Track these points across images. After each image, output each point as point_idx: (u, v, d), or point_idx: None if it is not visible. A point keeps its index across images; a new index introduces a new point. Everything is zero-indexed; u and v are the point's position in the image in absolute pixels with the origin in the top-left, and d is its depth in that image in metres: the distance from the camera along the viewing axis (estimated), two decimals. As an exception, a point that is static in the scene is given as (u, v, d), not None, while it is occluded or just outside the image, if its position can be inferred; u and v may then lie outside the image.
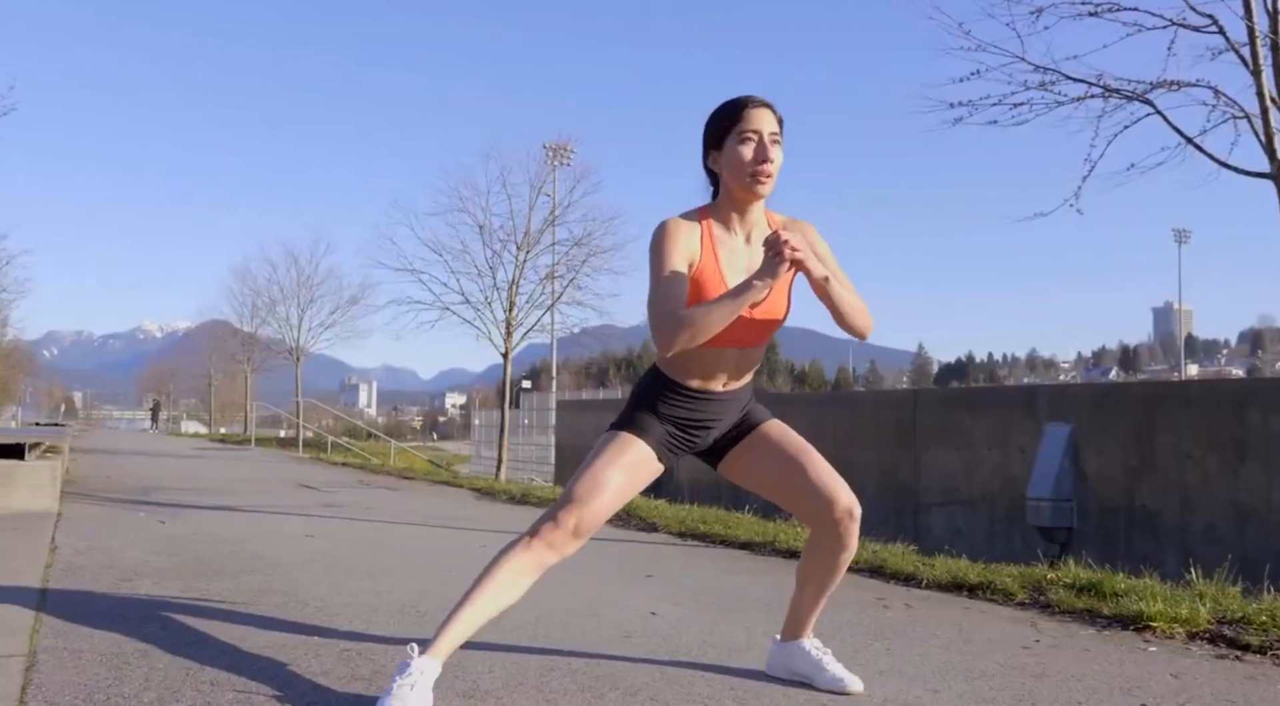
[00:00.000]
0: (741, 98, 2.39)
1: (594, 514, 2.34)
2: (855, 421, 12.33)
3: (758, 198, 2.40)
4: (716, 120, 2.40)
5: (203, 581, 3.88)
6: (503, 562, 2.33)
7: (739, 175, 2.35)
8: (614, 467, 2.38)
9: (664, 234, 2.35)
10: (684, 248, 2.34)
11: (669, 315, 2.25)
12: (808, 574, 2.61)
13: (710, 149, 2.42)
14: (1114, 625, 3.49)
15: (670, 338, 2.25)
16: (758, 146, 2.33)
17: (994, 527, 10.77)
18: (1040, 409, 10.34)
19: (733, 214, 2.43)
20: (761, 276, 2.21)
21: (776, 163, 2.35)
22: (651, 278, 2.33)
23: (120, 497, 7.52)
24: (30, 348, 73.29)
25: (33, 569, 4.03)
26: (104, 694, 2.29)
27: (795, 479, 2.48)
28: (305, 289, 30.05)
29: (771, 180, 2.36)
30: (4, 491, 6.13)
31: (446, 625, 2.27)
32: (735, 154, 2.34)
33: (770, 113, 2.38)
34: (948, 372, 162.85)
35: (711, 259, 2.38)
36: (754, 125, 2.34)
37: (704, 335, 2.25)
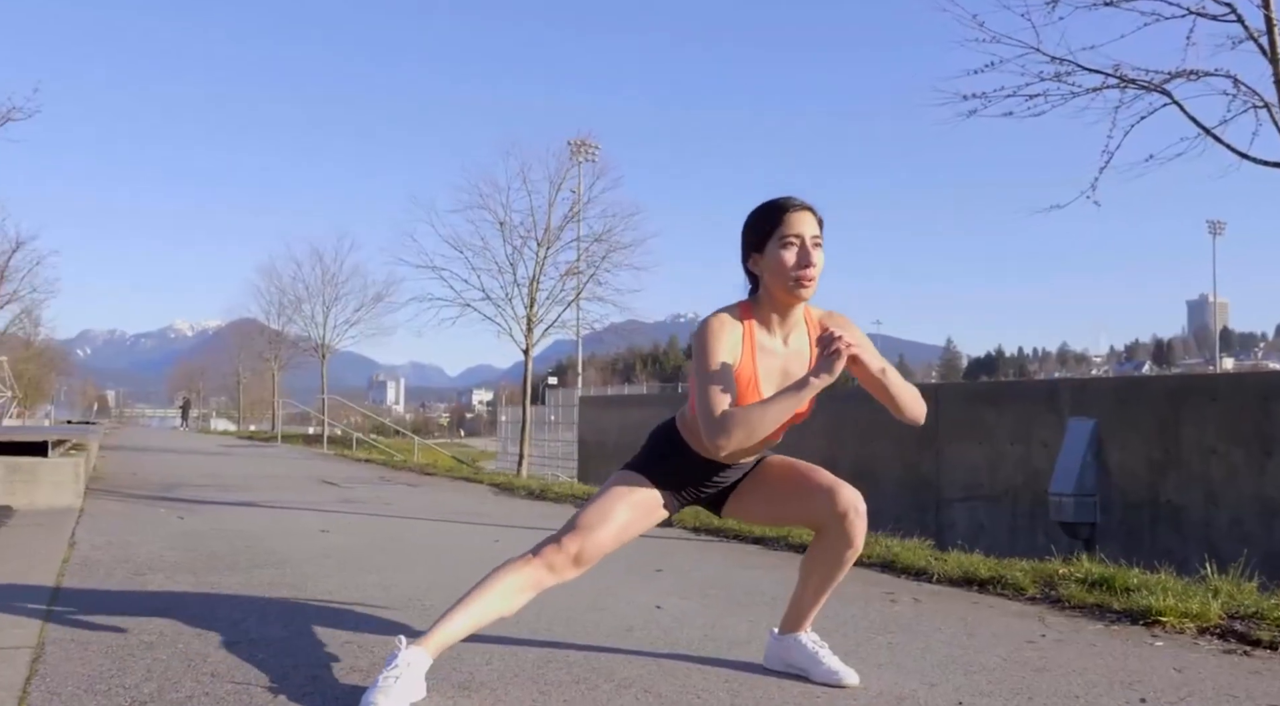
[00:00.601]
0: (782, 200, 2.39)
1: (596, 544, 2.38)
2: (877, 417, 12.24)
3: (800, 301, 2.41)
4: (757, 223, 2.40)
5: (214, 575, 3.93)
6: (502, 574, 2.37)
7: (782, 280, 2.35)
8: (622, 504, 2.44)
9: (710, 331, 2.36)
10: (728, 348, 2.36)
11: (724, 415, 2.26)
12: (812, 568, 2.61)
13: (751, 251, 2.42)
14: (1123, 620, 3.47)
15: (726, 438, 2.26)
16: (800, 251, 2.33)
17: (1016, 523, 10.69)
18: (1063, 403, 10.25)
19: (773, 315, 2.44)
20: (819, 373, 2.25)
21: (818, 266, 2.36)
22: (699, 374, 2.34)
23: (143, 494, 7.62)
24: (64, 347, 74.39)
25: (50, 563, 4.09)
26: (105, 684, 2.33)
27: (797, 494, 2.51)
28: (330, 287, 30.35)
29: (814, 284, 2.36)
30: (28, 488, 6.23)
31: (440, 622, 2.31)
32: (778, 258, 2.34)
33: (811, 215, 2.38)
34: (977, 367, 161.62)
35: (749, 362, 2.39)
36: (796, 229, 2.34)
37: (759, 435, 2.28)
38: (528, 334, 16.45)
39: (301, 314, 30.54)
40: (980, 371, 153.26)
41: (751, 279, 2.47)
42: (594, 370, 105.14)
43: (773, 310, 2.43)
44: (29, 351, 40.90)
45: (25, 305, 30.35)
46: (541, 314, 16.58)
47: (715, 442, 2.27)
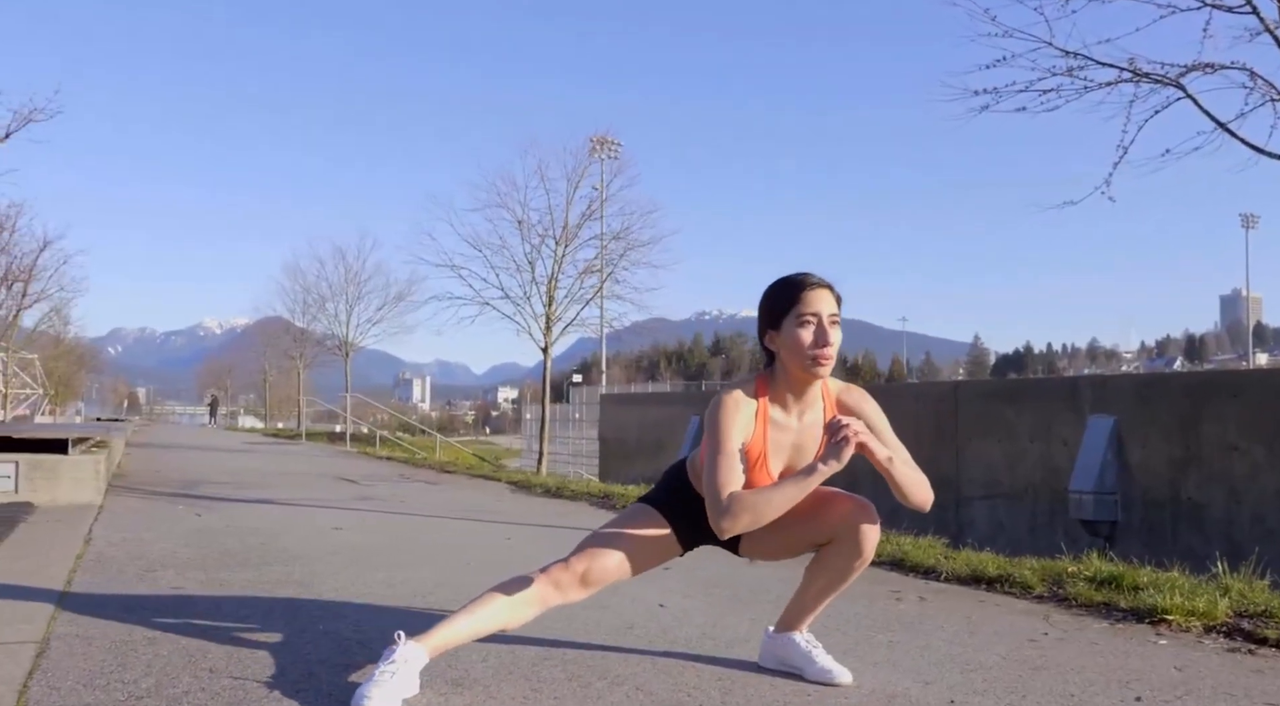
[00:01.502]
0: (799, 278, 2.39)
1: (603, 568, 2.41)
2: (895, 414, 12.14)
3: (817, 378, 2.40)
4: (774, 300, 2.40)
5: (225, 572, 3.98)
6: (509, 587, 2.40)
7: (799, 358, 2.35)
8: (635, 534, 2.48)
9: (724, 410, 2.37)
10: (741, 427, 2.37)
11: (731, 498, 2.27)
12: (818, 573, 2.59)
13: (768, 328, 2.42)
14: (1129, 618, 3.45)
15: (731, 521, 2.27)
16: (818, 329, 2.33)
17: (1036, 521, 10.61)
18: (1083, 400, 10.16)
19: (789, 393, 2.43)
20: (827, 460, 2.24)
21: (835, 344, 2.35)
22: (709, 450, 2.35)
23: (164, 491, 7.71)
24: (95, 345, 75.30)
25: (64, 559, 4.15)
26: (105, 679, 2.36)
27: (811, 518, 2.47)
28: (353, 285, 30.54)
29: (831, 362, 2.36)
30: (49, 485, 6.33)
31: (444, 623, 2.35)
32: (795, 337, 2.34)
33: (829, 293, 2.38)
34: (1005, 364, 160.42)
35: (760, 440, 2.40)
36: (813, 308, 2.34)
37: (764, 520, 2.28)
38: (546, 332, 16.49)
39: (325, 312, 30.82)
40: (1008, 368, 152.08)
41: (768, 354, 2.46)
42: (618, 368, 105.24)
43: (788, 388, 2.42)
44: (58, 349, 41.45)
45: (54, 304, 30.77)
46: (560, 312, 16.64)
47: (720, 525, 2.28)
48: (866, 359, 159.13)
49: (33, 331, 33.59)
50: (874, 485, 2.51)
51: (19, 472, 6.27)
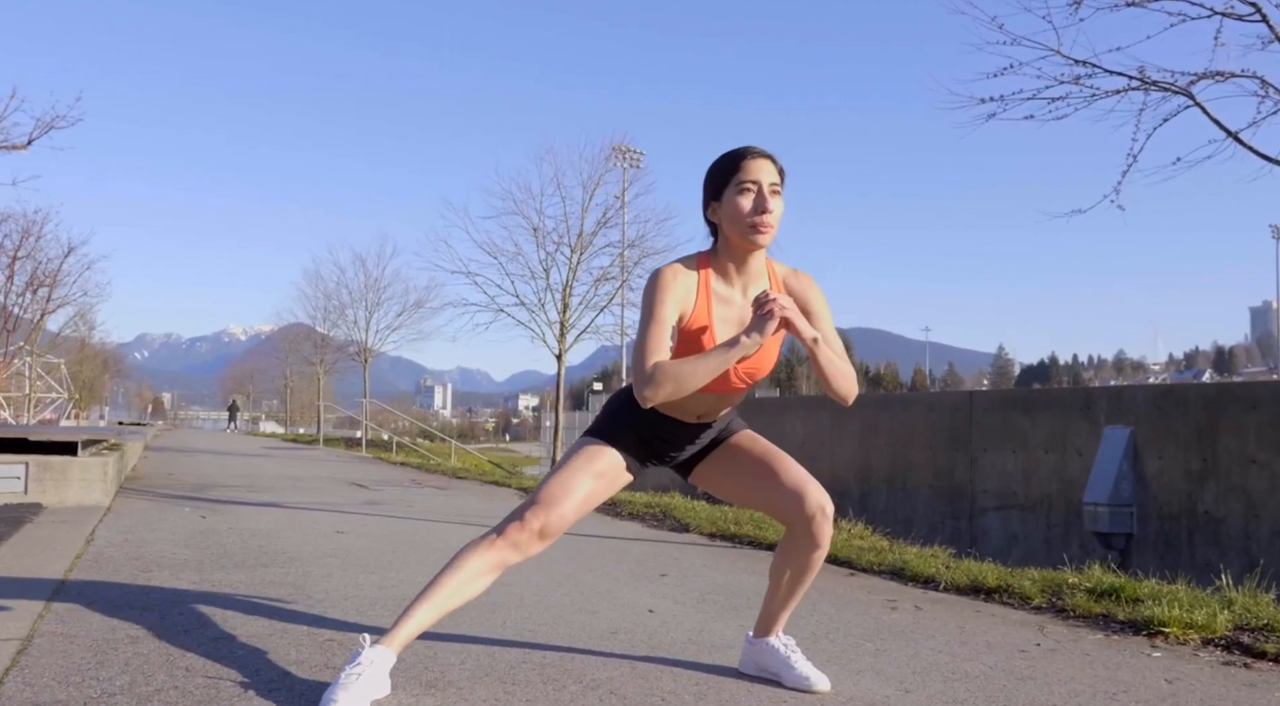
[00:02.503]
0: (741, 148, 2.39)
1: (560, 517, 2.37)
2: (910, 424, 12.15)
3: (757, 248, 2.38)
4: (716, 171, 2.39)
5: (219, 573, 3.99)
6: (466, 560, 2.36)
7: (738, 226, 2.34)
8: (584, 475, 2.42)
9: (658, 283, 2.36)
10: (676, 297, 2.35)
11: (654, 367, 2.26)
12: (781, 570, 2.58)
13: (710, 200, 2.42)
14: (1126, 630, 3.40)
15: (654, 390, 2.26)
16: (757, 197, 2.32)
17: (1051, 533, 10.51)
18: (1099, 411, 10.06)
19: (730, 264, 2.42)
20: (750, 333, 2.24)
21: (776, 213, 2.34)
22: (640, 324, 2.35)
23: (174, 493, 7.76)
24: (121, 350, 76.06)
25: (63, 559, 4.18)
26: (81, 676, 2.37)
27: (766, 482, 2.49)
28: (373, 292, 30.68)
29: (771, 230, 2.35)
30: (58, 486, 6.38)
31: (404, 618, 2.31)
32: (734, 205, 2.33)
33: (770, 163, 2.37)
34: (1030, 375, 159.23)
35: (704, 310, 2.38)
36: (753, 176, 2.33)
37: (687, 390, 2.27)
38: (560, 339, 16.51)
39: (345, 319, 30.99)
40: (1032, 379, 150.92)
41: (712, 229, 2.46)
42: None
43: (730, 259, 2.42)
44: (83, 353, 41.87)
45: (79, 308, 31.11)
46: (574, 319, 16.65)
47: (642, 394, 2.27)
48: (889, 369, 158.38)
49: (56, 336, 33.96)
50: (888, 496, 2.49)
51: (28, 474, 6.32)
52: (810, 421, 13.82)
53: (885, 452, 12.46)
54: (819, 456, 13.31)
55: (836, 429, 13.24)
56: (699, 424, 2.54)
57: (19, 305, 19.65)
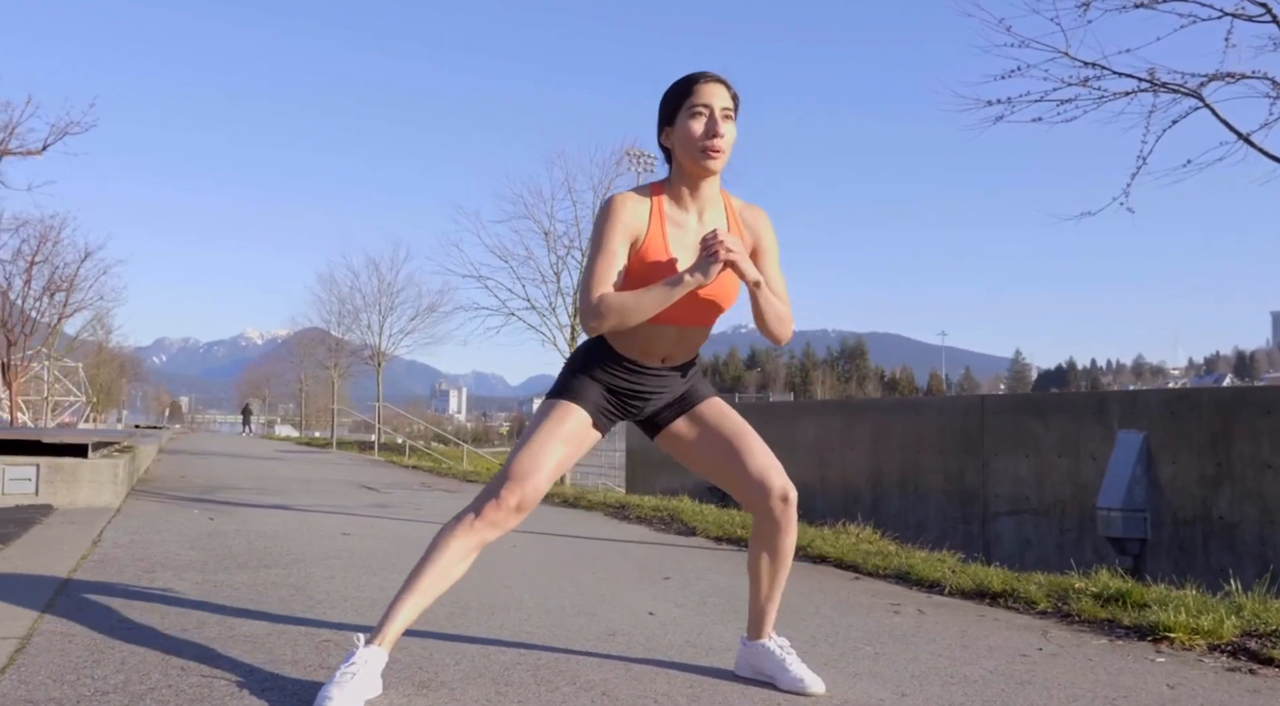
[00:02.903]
0: (694, 73, 2.39)
1: (536, 489, 2.35)
2: (922, 428, 12.10)
3: (709, 173, 2.38)
4: (669, 95, 2.40)
5: (222, 574, 4.00)
6: (446, 546, 2.34)
7: (690, 150, 2.34)
8: (553, 441, 2.38)
9: (608, 211, 2.36)
10: (626, 225, 2.35)
11: (600, 299, 2.28)
12: (757, 564, 2.58)
13: (664, 125, 2.42)
14: (1131, 635, 3.36)
15: (598, 321, 2.29)
16: (709, 121, 2.33)
17: (1064, 537, 10.44)
18: (1112, 416, 9.99)
19: (684, 189, 2.42)
20: (693, 272, 2.25)
21: (728, 138, 2.35)
22: (588, 254, 2.37)
23: (184, 495, 7.79)
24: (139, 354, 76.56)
25: (68, 559, 4.20)
26: (76, 675, 2.38)
27: (732, 464, 2.48)
28: (386, 296, 30.78)
29: (723, 155, 2.35)
30: (68, 488, 6.41)
31: (391, 614, 2.30)
32: (686, 128, 2.34)
33: (723, 88, 2.37)
34: (1047, 380, 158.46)
35: (659, 235, 2.37)
36: (705, 99, 2.34)
37: (629, 322, 2.28)
38: (571, 343, 16.51)
39: (359, 323, 31.11)
40: (1050, 384, 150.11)
41: (666, 155, 2.46)
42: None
43: (684, 185, 2.42)
44: (100, 357, 42.18)
45: (96, 312, 31.35)
46: (586, 323, 16.62)
47: (587, 324, 2.30)
48: (905, 373, 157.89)
49: (74, 339, 34.23)
50: (900, 500, 2.47)
51: (39, 475, 6.37)
52: (822, 426, 13.78)
53: (897, 457, 12.40)
54: (830, 461, 13.27)
55: (848, 433, 13.20)
56: (664, 370, 2.50)
57: (37, 309, 19.82)
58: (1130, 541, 9.71)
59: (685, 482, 15.76)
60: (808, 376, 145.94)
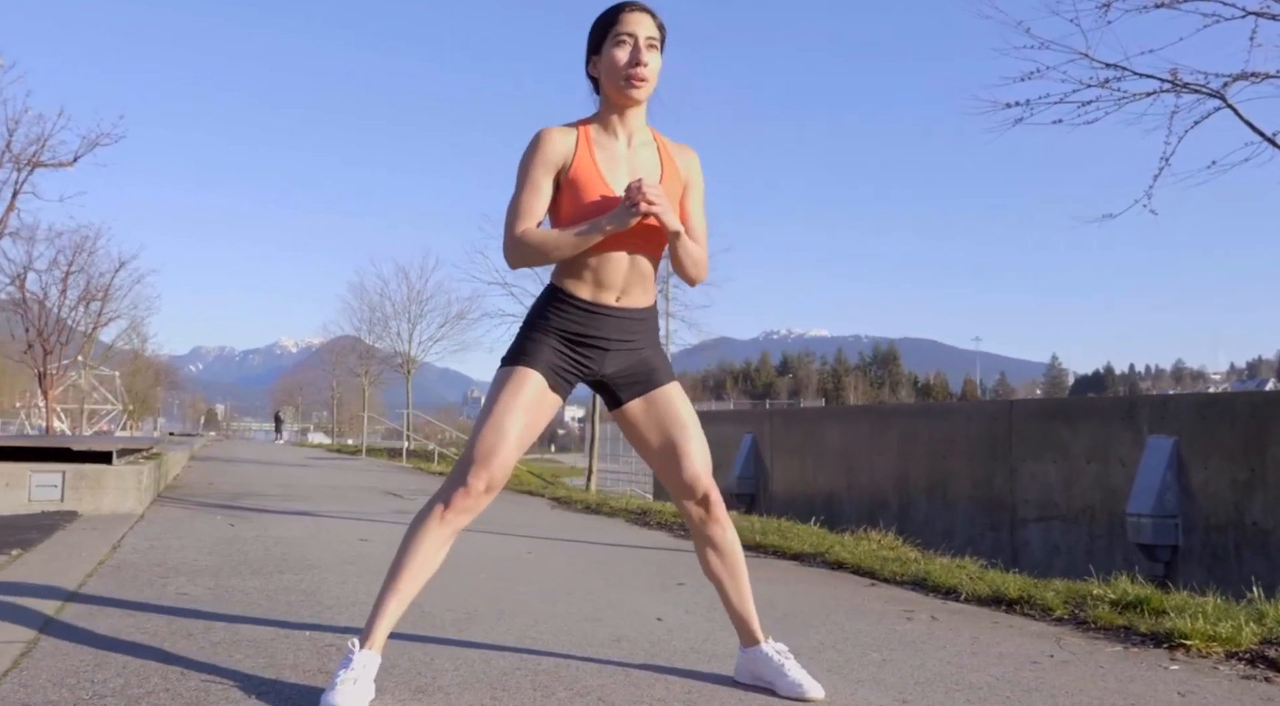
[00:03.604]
0: (619, 2, 2.40)
1: (503, 466, 2.32)
2: (949, 434, 11.97)
3: (633, 102, 2.40)
4: (596, 25, 2.42)
5: (235, 578, 4.03)
6: (421, 539, 2.31)
7: (614, 78, 2.37)
8: (512, 413, 2.33)
9: (532, 145, 2.39)
10: (550, 158, 2.37)
11: (521, 235, 2.34)
12: (708, 565, 2.60)
13: (591, 55, 2.44)
14: (1147, 643, 3.30)
15: (515, 256, 2.36)
16: (633, 49, 2.35)
17: (1094, 544, 10.28)
18: (1141, 420, 9.84)
19: (612, 117, 2.44)
20: (610, 221, 2.28)
21: (653, 67, 2.37)
22: (514, 189, 2.39)
23: (209, 501, 7.87)
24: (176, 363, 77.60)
25: (85, 565, 4.25)
26: (76, 678, 2.40)
27: (670, 459, 2.50)
28: (415, 304, 30.94)
29: (647, 84, 2.38)
30: (93, 495, 6.50)
31: (376, 615, 2.29)
32: (611, 57, 2.36)
33: (648, 17, 2.39)
34: (1084, 385, 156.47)
35: (588, 159, 2.38)
36: (630, 28, 2.36)
37: (549, 261, 2.34)
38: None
39: (389, 331, 31.29)
40: (1087, 389, 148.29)
41: (595, 86, 2.47)
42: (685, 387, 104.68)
43: (612, 112, 2.44)
44: (136, 365, 42.76)
45: (131, 321, 31.79)
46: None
47: (507, 259, 2.36)
48: (939, 379, 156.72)
49: (109, 348, 34.71)
50: (927, 506, 2.44)
51: (65, 482, 6.45)
52: (848, 432, 13.68)
53: (924, 463, 12.28)
54: (857, 467, 13.17)
55: (875, 439, 13.09)
56: (619, 311, 2.42)
57: (72, 318, 20.16)
58: (1161, 548, 9.55)
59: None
60: (840, 382, 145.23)
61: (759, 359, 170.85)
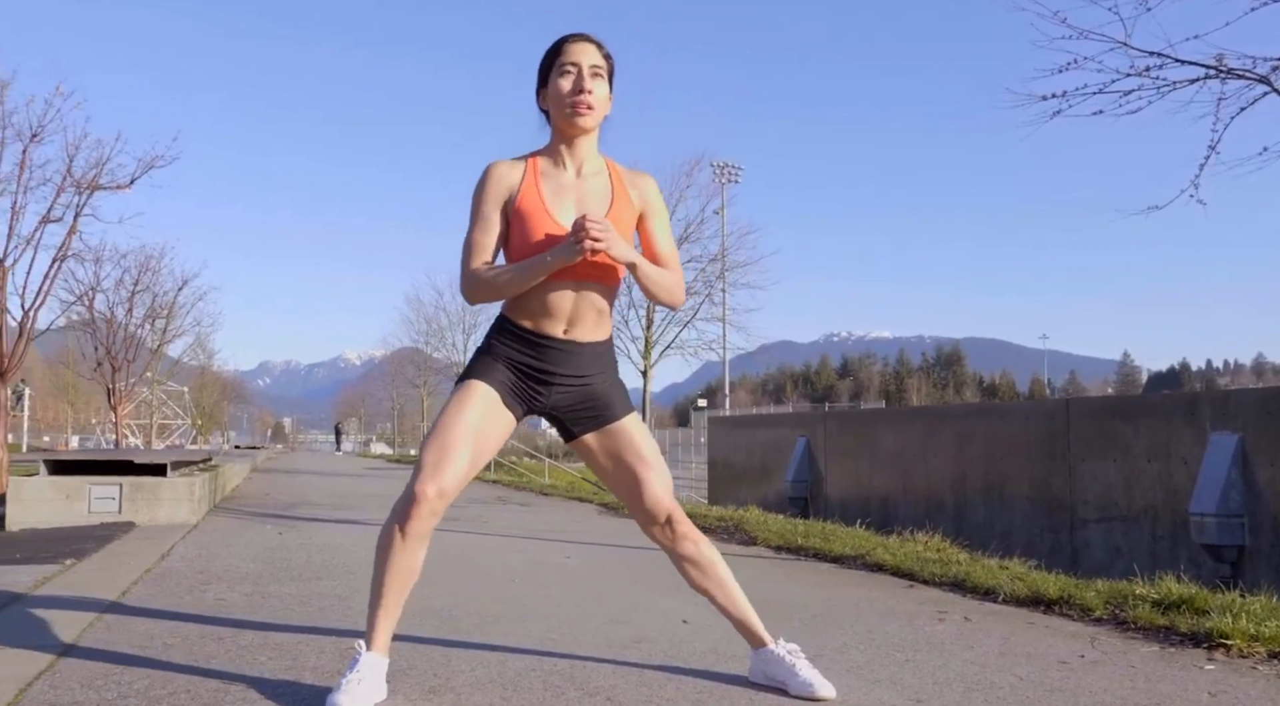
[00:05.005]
0: (565, 34, 2.44)
1: (453, 476, 2.29)
2: (1005, 433, 11.77)
3: (580, 130, 2.41)
4: (543, 57, 2.45)
5: (274, 585, 4.11)
6: (388, 556, 2.31)
7: (560, 107, 2.39)
8: (461, 423, 2.34)
9: (482, 180, 2.42)
10: (497, 191, 2.40)
11: (472, 272, 2.36)
12: (692, 581, 2.62)
13: (540, 88, 2.47)
14: (1186, 643, 3.21)
15: (468, 294, 2.39)
16: (577, 78, 2.37)
17: (1157, 545, 10.02)
18: (1204, 417, 9.57)
19: (561, 147, 2.45)
20: (556, 255, 2.26)
21: (597, 95, 2.39)
22: (468, 226, 2.42)
23: (262, 511, 8.04)
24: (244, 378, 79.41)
25: (131, 573, 4.37)
26: (104, 679, 2.47)
27: (632, 490, 2.51)
28: (470, 314, 31.28)
29: (593, 112, 2.39)
30: (149, 506, 6.68)
31: (371, 625, 2.34)
32: (556, 87, 2.39)
33: (593, 47, 2.42)
34: (1158, 382, 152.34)
35: (533, 192, 2.39)
36: (574, 58, 2.39)
37: (498, 296, 2.36)
38: (645, 356, 16.55)
39: (445, 342, 31.70)
40: (1161, 387, 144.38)
41: (546, 118, 2.49)
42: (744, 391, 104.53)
43: (560, 143, 2.45)
44: (203, 379, 43.85)
45: (196, 337, 32.61)
46: (658, 335, 16.67)
47: (463, 294, 2.39)
48: (1005, 379, 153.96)
49: (176, 363, 35.62)
50: (984, 508, 2.42)
51: (122, 494, 6.64)
52: (902, 434, 13.51)
53: (980, 464, 12.08)
54: (912, 470, 13.01)
55: (930, 440, 12.92)
56: (565, 343, 2.41)
57: (139, 334, 20.77)
58: (1226, 548, 9.27)
59: (767, 494, 15.62)
60: (902, 384, 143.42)
61: (819, 362, 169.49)
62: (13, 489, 6.58)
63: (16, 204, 9.71)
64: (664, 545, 2.56)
